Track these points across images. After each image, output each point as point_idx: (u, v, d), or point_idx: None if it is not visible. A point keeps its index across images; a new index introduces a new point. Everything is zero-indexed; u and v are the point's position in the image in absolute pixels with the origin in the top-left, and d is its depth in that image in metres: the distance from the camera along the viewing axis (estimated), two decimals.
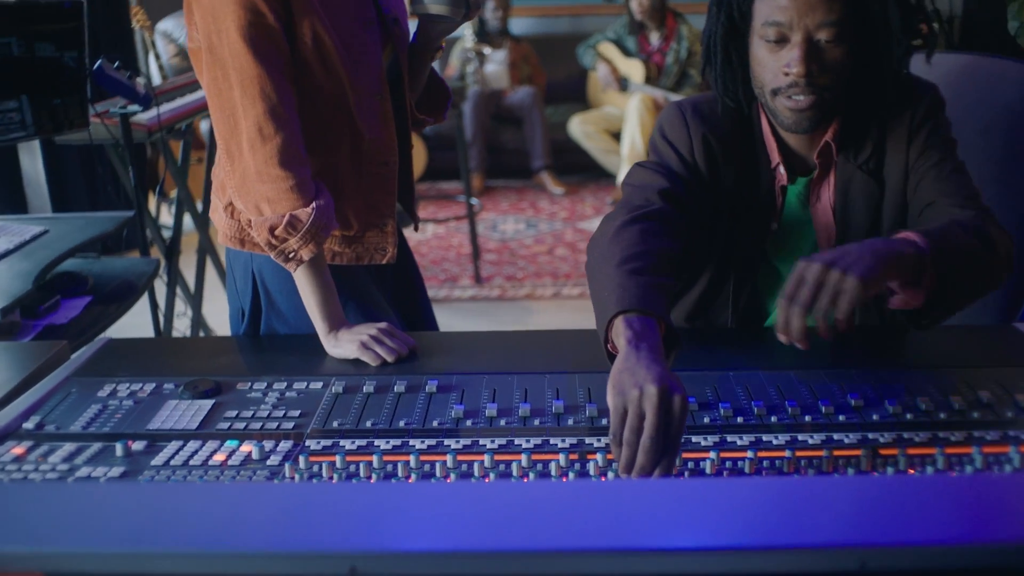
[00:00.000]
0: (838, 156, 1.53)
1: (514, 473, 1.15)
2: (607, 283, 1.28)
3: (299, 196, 1.47)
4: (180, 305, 3.20)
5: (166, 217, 4.23)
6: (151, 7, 5.52)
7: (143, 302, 2.69)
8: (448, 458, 1.17)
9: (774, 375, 1.40)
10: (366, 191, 1.62)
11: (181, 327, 3.20)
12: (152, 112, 2.69)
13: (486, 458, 1.17)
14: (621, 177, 5.57)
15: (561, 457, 1.17)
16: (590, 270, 1.37)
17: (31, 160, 3.87)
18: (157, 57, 4.56)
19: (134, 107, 2.60)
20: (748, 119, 1.56)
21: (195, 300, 3.23)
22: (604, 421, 1.27)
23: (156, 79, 4.60)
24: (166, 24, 5.68)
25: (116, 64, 2.52)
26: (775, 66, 1.42)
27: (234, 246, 1.63)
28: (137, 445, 1.22)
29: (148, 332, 2.68)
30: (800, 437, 1.23)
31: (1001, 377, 1.37)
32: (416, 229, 1.85)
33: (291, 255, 1.49)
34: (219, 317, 3.61)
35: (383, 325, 1.52)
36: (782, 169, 1.54)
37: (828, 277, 1.17)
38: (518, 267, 4.53)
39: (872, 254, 1.20)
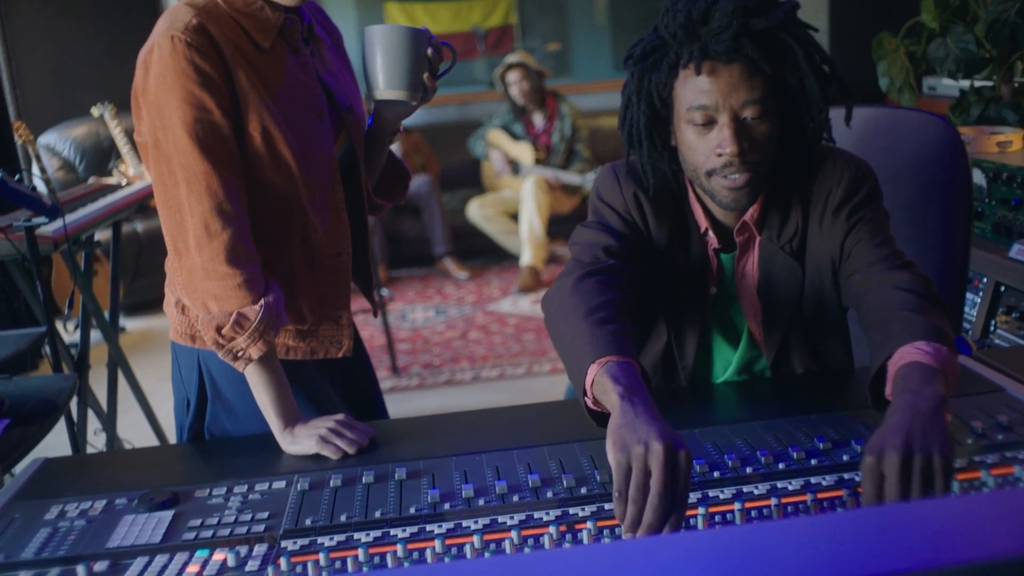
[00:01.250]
0: (761, 235, 1.56)
1: (507, 550, 1.12)
2: (577, 335, 1.30)
3: (247, 293, 1.43)
4: (94, 420, 3.06)
5: (65, 336, 4.05)
6: (32, 121, 5.40)
7: (59, 424, 2.56)
8: (436, 543, 1.13)
9: (738, 427, 1.42)
10: (319, 283, 1.59)
11: (98, 444, 3.05)
12: (56, 224, 2.61)
13: (475, 539, 1.14)
14: (524, 258, 5.63)
15: (551, 529, 1.15)
16: (553, 324, 1.39)
17: None
18: (43, 171, 4.42)
19: (39, 219, 2.51)
20: (676, 186, 1.59)
21: (109, 416, 3.09)
22: (583, 490, 1.26)
23: (43, 192, 4.46)
24: (48, 138, 5.56)
25: (17, 177, 2.44)
26: (706, 148, 1.45)
27: (185, 342, 1.57)
28: (100, 566, 1.15)
29: (63, 452, 2.54)
30: (779, 484, 1.24)
31: (954, 406, 1.41)
32: (375, 315, 1.82)
33: (239, 354, 1.45)
34: (132, 430, 3.46)
35: (340, 417, 1.48)
36: (712, 234, 1.57)
37: (913, 466, 1.06)
38: (434, 354, 4.50)
39: (932, 418, 1.11)
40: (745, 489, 1.23)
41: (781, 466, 1.28)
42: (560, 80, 6.81)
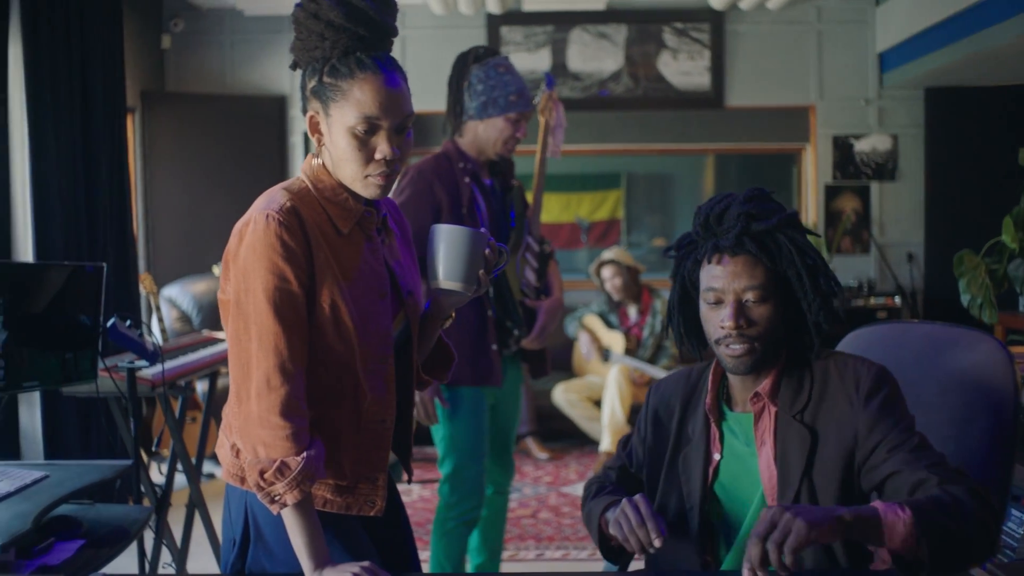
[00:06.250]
0: (776, 406, 1.77)
1: None
2: (594, 507, 1.82)
3: (293, 445, 1.59)
4: (165, 554, 3.22)
5: (155, 476, 4.29)
6: (159, 274, 5.86)
7: (130, 553, 2.73)
8: None
9: None
10: (362, 445, 1.74)
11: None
12: (156, 368, 2.85)
13: None
14: (603, 444, 5.69)
15: None
16: (583, 518, 1.90)
17: (29, 411, 3.99)
18: (160, 320, 4.78)
19: (141, 362, 2.76)
20: (700, 374, 1.90)
21: (181, 554, 3.24)
22: None
23: (158, 341, 4.81)
24: (171, 290, 5.98)
25: (128, 323, 2.71)
26: (715, 321, 1.77)
27: (235, 483, 1.73)
28: None
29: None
30: None
31: None
32: (409, 481, 1.96)
33: (276, 498, 1.60)
34: (202, 571, 3.60)
35: (367, 564, 1.60)
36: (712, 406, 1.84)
37: (782, 519, 1.44)
38: None
39: (824, 510, 1.47)
40: None
41: None
42: (663, 274, 7.00)
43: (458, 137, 3.02)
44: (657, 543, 1.62)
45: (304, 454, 1.60)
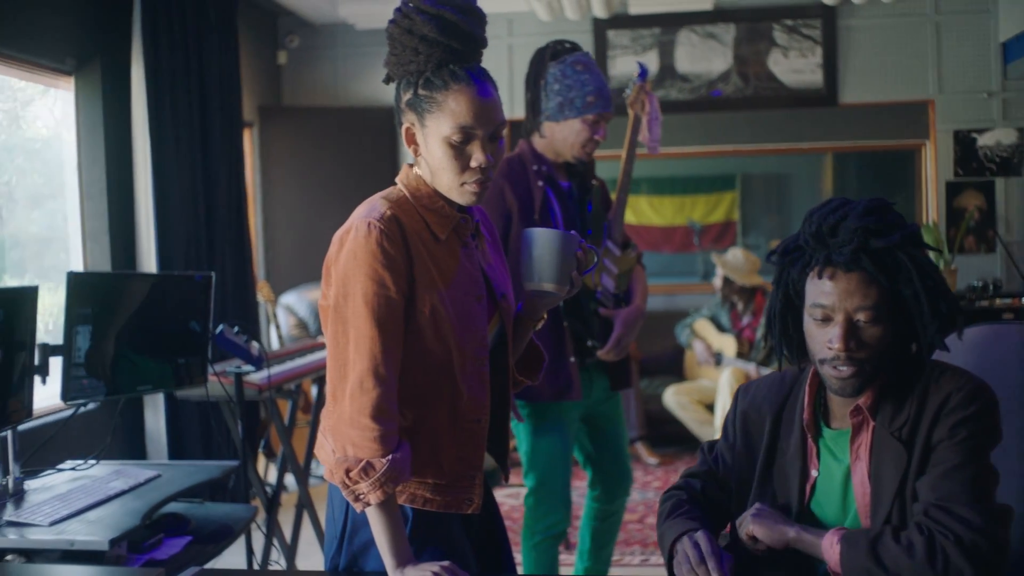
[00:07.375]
0: (875, 420, 1.68)
1: None
2: (667, 532, 1.75)
3: (380, 447, 1.65)
4: (274, 554, 3.34)
5: (273, 476, 4.45)
6: (277, 282, 6.06)
7: (241, 550, 2.84)
8: None
9: None
10: (459, 444, 1.78)
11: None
12: (263, 373, 2.97)
13: None
14: None
15: None
16: (658, 539, 1.82)
17: (154, 415, 4.20)
18: (278, 328, 4.95)
19: (248, 368, 2.88)
20: (794, 380, 1.79)
21: (290, 552, 3.36)
22: None
23: (273, 346, 4.98)
24: (288, 298, 6.18)
25: (236, 329, 2.83)
26: (822, 340, 1.66)
27: (335, 481, 1.79)
28: None
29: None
30: None
31: None
32: (506, 481, 2.00)
33: (360, 496, 1.66)
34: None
35: (447, 563, 1.65)
36: (810, 422, 1.74)
37: (747, 513, 1.70)
38: None
39: (782, 521, 1.67)
40: None
41: None
42: None
43: (536, 137, 2.88)
44: None
45: (390, 456, 1.65)
